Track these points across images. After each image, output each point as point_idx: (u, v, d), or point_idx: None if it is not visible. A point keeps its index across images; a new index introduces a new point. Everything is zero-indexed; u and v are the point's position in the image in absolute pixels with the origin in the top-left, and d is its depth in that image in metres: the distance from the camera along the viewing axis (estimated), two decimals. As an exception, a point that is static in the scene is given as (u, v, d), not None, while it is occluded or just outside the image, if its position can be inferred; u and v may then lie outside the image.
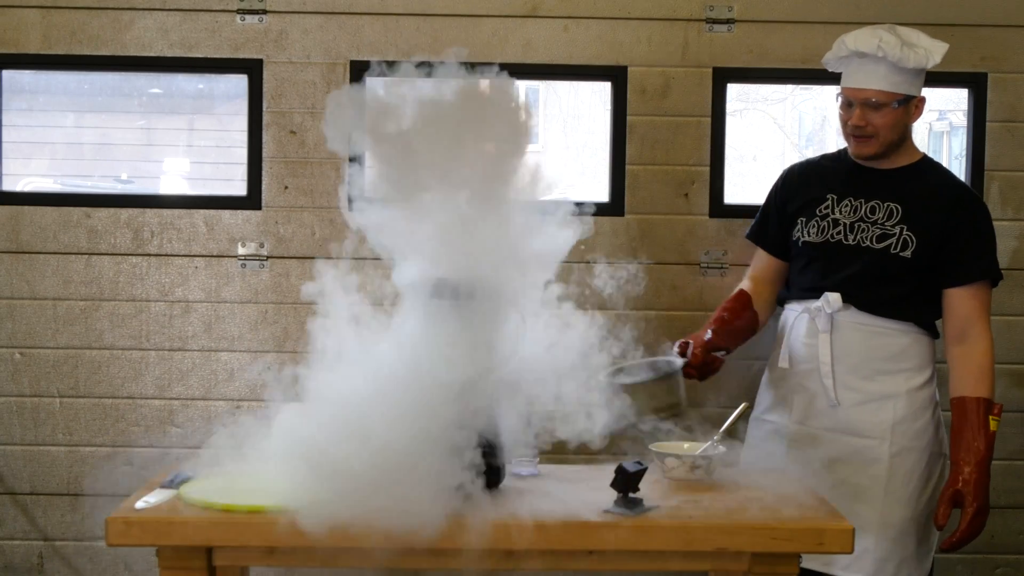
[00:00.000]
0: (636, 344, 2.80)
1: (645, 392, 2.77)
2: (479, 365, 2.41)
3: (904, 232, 2.96)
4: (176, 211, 3.56)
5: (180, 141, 4.31)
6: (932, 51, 2.93)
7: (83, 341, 3.56)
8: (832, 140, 8.60)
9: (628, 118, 3.55)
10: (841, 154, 3.14)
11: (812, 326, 3.01)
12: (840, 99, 3.00)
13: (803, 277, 3.09)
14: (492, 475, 2.43)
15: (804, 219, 3.09)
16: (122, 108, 4.26)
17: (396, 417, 2.29)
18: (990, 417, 2.92)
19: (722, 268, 3.56)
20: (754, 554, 2.28)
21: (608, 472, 2.39)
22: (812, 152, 8.50)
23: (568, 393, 2.53)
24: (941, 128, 8.18)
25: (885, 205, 3.00)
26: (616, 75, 3.55)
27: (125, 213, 3.56)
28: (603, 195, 3.60)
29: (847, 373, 2.98)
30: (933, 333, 3.07)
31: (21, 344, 3.56)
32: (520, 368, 2.45)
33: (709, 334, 3.02)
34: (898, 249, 2.96)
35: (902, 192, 3.00)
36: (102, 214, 3.55)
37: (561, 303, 2.55)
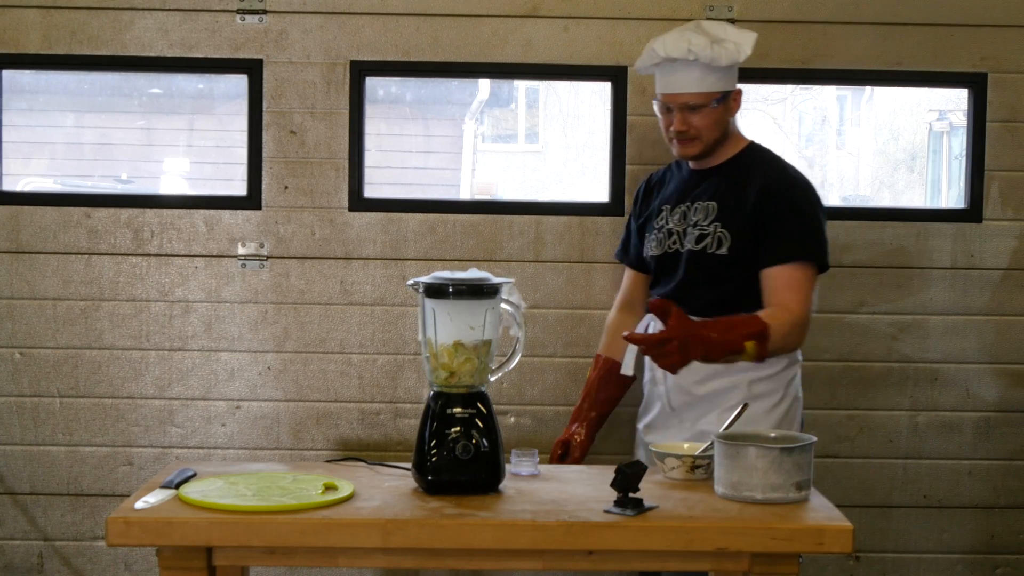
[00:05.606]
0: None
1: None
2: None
3: (718, 230, 2.89)
4: (176, 211, 3.56)
5: (180, 141, 4.30)
6: (742, 44, 2.90)
7: (83, 341, 3.56)
8: (832, 140, 8.59)
9: (628, 118, 3.55)
10: (682, 160, 3.08)
11: None
12: (657, 105, 2.97)
13: (653, 291, 3.06)
14: (492, 475, 2.43)
15: (648, 234, 3.07)
16: (122, 108, 4.26)
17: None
18: (748, 343, 2.58)
19: (722, 268, 3.55)
20: (754, 554, 2.28)
21: (608, 472, 2.39)
22: (812, 152, 8.50)
23: None
24: (941, 128, 8.17)
25: (704, 205, 2.94)
26: (616, 75, 3.55)
27: (125, 213, 3.56)
28: (603, 195, 3.60)
29: (681, 378, 2.83)
30: None
31: (21, 344, 3.56)
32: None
33: (581, 430, 3.10)
34: (714, 248, 2.88)
35: (716, 188, 2.94)
36: (102, 214, 3.55)
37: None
